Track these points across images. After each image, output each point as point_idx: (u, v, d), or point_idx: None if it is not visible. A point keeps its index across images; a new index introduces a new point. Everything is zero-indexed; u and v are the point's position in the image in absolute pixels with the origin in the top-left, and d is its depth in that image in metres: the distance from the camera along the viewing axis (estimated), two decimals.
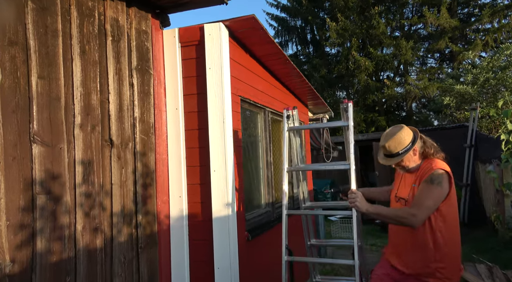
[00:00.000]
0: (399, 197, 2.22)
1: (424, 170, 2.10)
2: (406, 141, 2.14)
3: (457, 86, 9.97)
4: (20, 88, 1.59)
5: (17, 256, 1.52)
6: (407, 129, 2.19)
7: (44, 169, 1.68)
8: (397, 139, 2.13)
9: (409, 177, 2.21)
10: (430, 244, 1.99)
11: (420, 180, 2.07)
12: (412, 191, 2.11)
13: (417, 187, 2.07)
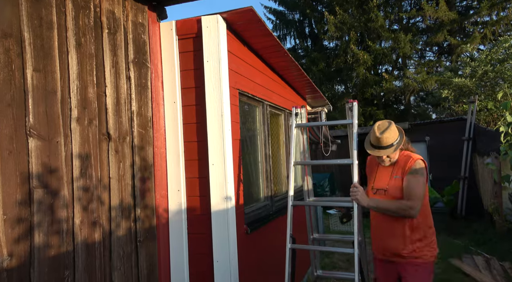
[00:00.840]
0: (377, 188, 2.37)
1: (404, 161, 2.30)
2: (397, 134, 2.31)
3: (456, 79, 9.95)
4: (15, 81, 1.57)
5: (15, 250, 1.51)
6: (394, 124, 2.38)
7: (41, 162, 1.66)
8: (392, 132, 2.27)
9: (384, 169, 2.38)
10: (407, 228, 2.25)
11: (403, 171, 2.26)
12: (393, 181, 2.29)
13: (400, 178, 2.26)
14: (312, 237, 2.78)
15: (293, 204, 2.54)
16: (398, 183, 2.27)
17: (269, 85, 3.80)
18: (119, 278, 2.11)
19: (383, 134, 2.26)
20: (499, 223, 6.30)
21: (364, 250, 2.56)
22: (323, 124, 3.22)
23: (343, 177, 10.85)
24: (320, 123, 4.09)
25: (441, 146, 9.12)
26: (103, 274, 1.99)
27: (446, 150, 8.97)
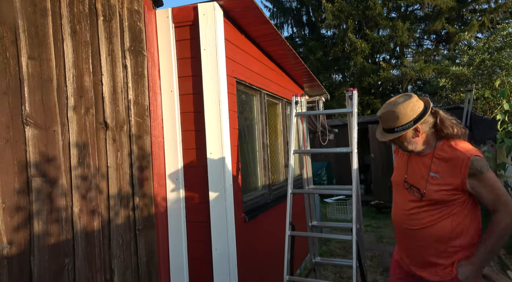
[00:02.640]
0: (411, 184, 1.82)
1: (449, 156, 1.71)
2: (408, 116, 1.72)
3: (453, 68, 9.94)
4: (10, 69, 1.55)
5: (14, 238, 1.52)
6: (415, 101, 1.75)
7: (39, 151, 1.66)
8: (396, 113, 1.73)
9: (419, 160, 1.82)
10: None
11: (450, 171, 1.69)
12: (432, 183, 1.73)
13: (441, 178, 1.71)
14: (311, 224, 2.80)
15: (292, 191, 2.55)
16: (438, 185, 1.71)
17: (267, 74, 3.78)
18: (119, 266, 2.13)
19: (383, 113, 1.78)
20: None
21: (361, 237, 2.58)
22: (323, 113, 3.22)
23: (340, 166, 10.91)
24: (320, 112, 4.09)
25: None
26: (102, 262, 2.01)
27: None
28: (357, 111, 2.51)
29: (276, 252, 3.61)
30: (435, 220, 1.73)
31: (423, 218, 1.76)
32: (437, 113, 1.79)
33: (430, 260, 1.76)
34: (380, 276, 4.39)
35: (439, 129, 1.75)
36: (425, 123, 1.75)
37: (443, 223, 1.72)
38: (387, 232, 6.63)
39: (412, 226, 1.79)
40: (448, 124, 1.74)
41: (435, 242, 1.74)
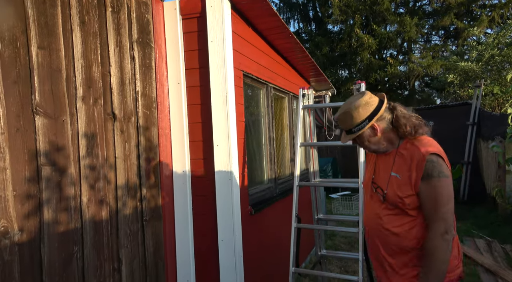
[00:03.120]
0: (377, 184, 1.72)
1: (409, 154, 1.59)
2: (361, 115, 1.63)
3: (462, 64, 9.82)
4: (20, 58, 1.57)
5: (25, 226, 1.54)
6: (368, 98, 1.66)
7: (48, 140, 1.68)
8: (349, 112, 1.65)
9: (384, 160, 1.72)
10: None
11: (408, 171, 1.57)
12: (392, 183, 1.62)
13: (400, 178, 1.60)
14: (317, 217, 2.81)
15: (299, 184, 2.56)
16: (399, 185, 1.60)
17: (273, 67, 3.77)
18: (126, 256, 2.15)
19: (341, 113, 1.69)
20: (502, 206, 6.33)
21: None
22: (330, 105, 3.20)
23: (345, 161, 10.88)
24: (327, 105, 4.07)
25: (445, 131, 9.06)
26: (110, 251, 2.03)
27: (450, 135, 8.93)
28: None
29: (281, 245, 3.62)
30: (402, 226, 1.59)
31: (391, 221, 1.63)
32: (395, 109, 1.66)
33: (394, 268, 1.64)
34: None
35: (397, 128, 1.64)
36: (382, 120, 1.65)
37: (410, 232, 1.58)
38: None
39: (379, 230, 1.67)
40: (402, 122, 1.61)
41: (400, 250, 1.61)
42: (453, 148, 8.84)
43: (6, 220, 1.46)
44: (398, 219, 1.60)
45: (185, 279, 2.57)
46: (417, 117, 1.65)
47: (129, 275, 2.16)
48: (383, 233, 1.65)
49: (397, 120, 1.63)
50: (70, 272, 1.75)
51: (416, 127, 1.61)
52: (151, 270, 2.35)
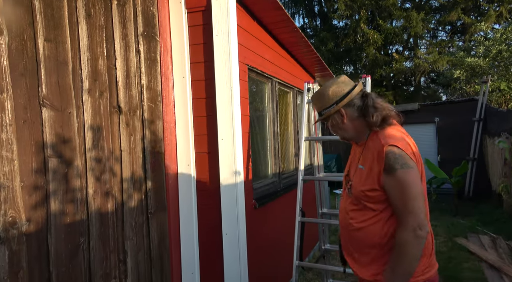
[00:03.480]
0: (350, 177, 1.65)
1: (372, 146, 1.51)
2: (330, 98, 1.57)
3: (468, 59, 9.73)
4: (27, 50, 1.58)
5: (32, 216, 1.56)
6: (341, 82, 1.60)
7: (55, 132, 1.69)
8: (320, 94, 1.61)
9: (356, 151, 1.66)
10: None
11: (371, 163, 1.49)
12: (357, 176, 1.55)
13: (364, 170, 1.52)
14: (321, 212, 2.81)
15: (303, 178, 2.55)
16: (362, 178, 1.52)
17: (278, 61, 3.76)
18: (132, 247, 2.17)
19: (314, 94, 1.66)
20: (507, 202, 6.29)
21: None
22: None
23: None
24: None
25: (451, 127, 9.02)
26: (116, 243, 2.05)
27: (456, 131, 8.88)
28: None
29: (285, 239, 3.63)
30: (365, 221, 1.52)
31: (356, 217, 1.56)
32: (366, 97, 1.56)
33: (361, 263, 1.58)
34: None
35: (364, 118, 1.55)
36: (351, 107, 1.57)
37: (373, 227, 1.50)
38: None
39: (347, 225, 1.61)
40: (370, 111, 1.52)
41: (365, 246, 1.54)
42: (458, 144, 8.79)
43: (14, 210, 1.48)
44: (361, 214, 1.53)
45: (189, 271, 2.59)
46: (388, 109, 1.54)
47: (134, 266, 2.18)
48: (349, 228, 1.59)
49: (366, 108, 1.54)
50: (76, 263, 1.78)
51: (384, 118, 1.51)
52: (156, 262, 2.37)
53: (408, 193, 1.38)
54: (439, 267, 1.65)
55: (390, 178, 1.41)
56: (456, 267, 4.17)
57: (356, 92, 1.57)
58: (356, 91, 1.58)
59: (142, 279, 2.24)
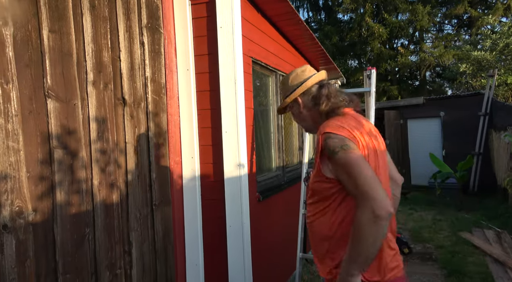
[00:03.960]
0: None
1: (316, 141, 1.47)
2: (289, 86, 1.58)
3: (475, 53, 9.63)
4: (32, 41, 1.58)
5: (38, 206, 1.58)
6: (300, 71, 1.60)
7: (60, 124, 1.70)
8: (283, 81, 1.63)
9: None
10: None
11: (316, 154, 1.44)
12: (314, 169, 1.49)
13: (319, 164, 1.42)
14: None
15: (307, 170, 2.55)
16: (314, 170, 1.48)
17: (283, 54, 3.75)
18: (136, 239, 2.19)
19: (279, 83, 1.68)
20: None
21: None
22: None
23: None
24: None
25: (456, 122, 8.96)
26: (121, 234, 2.07)
27: (461, 126, 8.82)
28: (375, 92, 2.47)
29: (288, 232, 3.64)
30: (316, 214, 1.48)
31: (310, 210, 1.52)
32: (323, 86, 1.53)
33: (319, 257, 1.53)
34: None
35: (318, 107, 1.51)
36: (307, 96, 1.55)
37: (322, 219, 1.44)
38: (401, 217, 6.59)
39: (307, 218, 1.57)
40: (322, 100, 1.48)
41: (319, 238, 1.49)
42: (464, 138, 8.73)
43: (20, 200, 1.50)
44: (314, 207, 1.49)
45: (193, 263, 2.61)
46: (341, 99, 1.49)
47: (139, 257, 2.20)
48: (307, 222, 1.56)
49: (319, 97, 1.51)
50: (82, 253, 1.80)
51: (332, 108, 1.47)
52: (160, 253, 2.39)
53: (356, 172, 1.28)
54: (443, 260, 1.62)
55: (334, 163, 1.35)
56: (460, 261, 4.17)
57: (313, 81, 1.55)
58: (314, 80, 1.56)
59: (147, 270, 2.26)
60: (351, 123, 1.42)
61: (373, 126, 1.52)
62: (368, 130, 1.46)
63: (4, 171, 1.44)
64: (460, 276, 3.74)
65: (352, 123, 1.42)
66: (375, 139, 1.46)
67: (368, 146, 1.39)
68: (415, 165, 9.55)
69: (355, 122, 1.44)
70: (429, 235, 5.39)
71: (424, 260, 4.35)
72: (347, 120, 1.44)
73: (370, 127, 1.49)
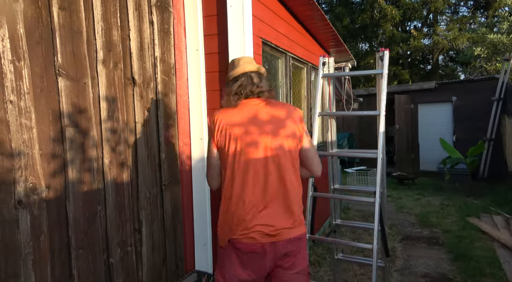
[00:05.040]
0: None
1: None
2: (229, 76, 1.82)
3: (490, 36, 9.33)
4: (42, 18, 1.57)
5: (51, 183, 1.61)
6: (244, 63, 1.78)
7: (71, 102, 1.71)
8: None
9: None
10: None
11: None
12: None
13: None
14: (333, 187, 2.81)
15: None
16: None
17: (293, 36, 3.68)
18: (146, 217, 2.23)
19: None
20: None
21: (384, 201, 2.58)
22: (352, 74, 3.11)
23: (362, 136, 10.75)
24: (348, 73, 3.95)
25: (469, 107, 8.79)
26: (131, 212, 2.10)
27: (474, 111, 8.66)
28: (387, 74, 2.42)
29: None
30: None
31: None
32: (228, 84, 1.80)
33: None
34: (399, 244, 4.42)
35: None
36: (229, 86, 1.80)
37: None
38: (408, 202, 6.59)
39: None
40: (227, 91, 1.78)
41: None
42: (475, 124, 8.60)
43: (34, 177, 1.52)
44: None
45: (202, 242, 2.65)
46: (238, 87, 1.72)
47: (149, 235, 2.24)
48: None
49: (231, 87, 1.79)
50: (94, 229, 1.84)
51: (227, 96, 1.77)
52: (169, 232, 2.44)
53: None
54: (450, 244, 1.65)
55: None
56: (467, 246, 4.17)
57: (237, 73, 1.75)
58: (237, 72, 1.75)
59: (156, 248, 2.31)
60: (223, 111, 1.71)
61: (268, 114, 1.68)
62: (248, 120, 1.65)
63: (18, 148, 1.46)
64: (467, 260, 3.75)
65: (231, 113, 1.69)
66: (258, 127, 1.64)
67: (231, 134, 1.63)
68: (424, 150, 9.46)
69: (237, 113, 1.68)
70: (437, 220, 5.39)
71: (430, 244, 4.37)
72: (225, 109, 1.73)
73: (259, 115, 1.67)
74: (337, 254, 2.85)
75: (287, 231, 1.60)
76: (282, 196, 1.61)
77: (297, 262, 1.64)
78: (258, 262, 1.60)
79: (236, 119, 1.66)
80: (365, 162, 9.93)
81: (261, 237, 1.57)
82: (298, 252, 1.65)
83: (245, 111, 1.68)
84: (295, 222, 1.63)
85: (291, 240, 1.60)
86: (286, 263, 1.62)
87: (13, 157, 1.45)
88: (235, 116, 1.67)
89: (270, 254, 1.59)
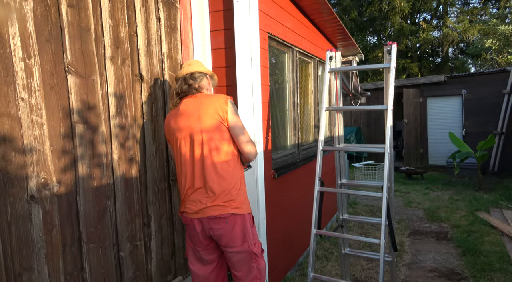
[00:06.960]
0: None
1: None
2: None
3: (502, 27, 9.15)
4: (51, 16, 1.59)
5: (62, 179, 1.64)
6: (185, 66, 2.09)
7: (80, 99, 1.73)
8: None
9: None
10: None
11: None
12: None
13: None
14: (340, 182, 2.81)
15: (323, 148, 2.55)
16: None
17: (300, 30, 3.66)
18: (155, 212, 2.26)
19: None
20: None
21: (391, 196, 2.57)
22: (359, 68, 3.07)
23: (370, 130, 10.69)
24: (356, 68, 3.89)
25: (479, 100, 8.67)
26: (140, 207, 2.14)
27: (484, 104, 8.54)
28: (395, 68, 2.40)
29: (303, 209, 3.69)
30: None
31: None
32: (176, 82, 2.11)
33: None
34: (407, 238, 4.41)
35: None
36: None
37: None
38: (416, 197, 6.55)
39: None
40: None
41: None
42: (485, 117, 8.48)
43: (45, 172, 1.56)
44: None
45: None
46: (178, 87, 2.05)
47: (157, 230, 2.27)
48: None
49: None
50: (104, 224, 1.87)
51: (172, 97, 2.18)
52: (177, 226, 2.47)
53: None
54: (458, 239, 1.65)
55: None
56: (476, 240, 4.14)
57: (177, 76, 2.07)
58: (177, 76, 2.07)
59: (165, 242, 2.34)
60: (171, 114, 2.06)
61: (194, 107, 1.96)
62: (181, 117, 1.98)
63: (30, 144, 1.50)
64: (476, 255, 3.73)
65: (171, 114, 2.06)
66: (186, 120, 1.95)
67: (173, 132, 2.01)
68: (433, 144, 9.38)
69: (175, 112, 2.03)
70: (445, 214, 5.35)
71: (439, 239, 4.35)
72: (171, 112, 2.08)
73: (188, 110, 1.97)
74: (345, 248, 2.86)
75: (208, 210, 1.88)
76: (206, 178, 1.89)
77: (230, 241, 1.90)
78: (192, 233, 1.96)
79: (174, 118, 2.01)
80: (373, 156, 9.88)
81: (190, 213, 1.93)
82: (229, 231, 1.88)
83: (181, 109, 1.99)
84: (218, 202, 1.87)
85: (213, 217, 1.87)
86: (221, 241, 1.91)
87: (25, 153, 1.48)
88: (174, 116, 2.01)
89: (198, 227, 1.92)
